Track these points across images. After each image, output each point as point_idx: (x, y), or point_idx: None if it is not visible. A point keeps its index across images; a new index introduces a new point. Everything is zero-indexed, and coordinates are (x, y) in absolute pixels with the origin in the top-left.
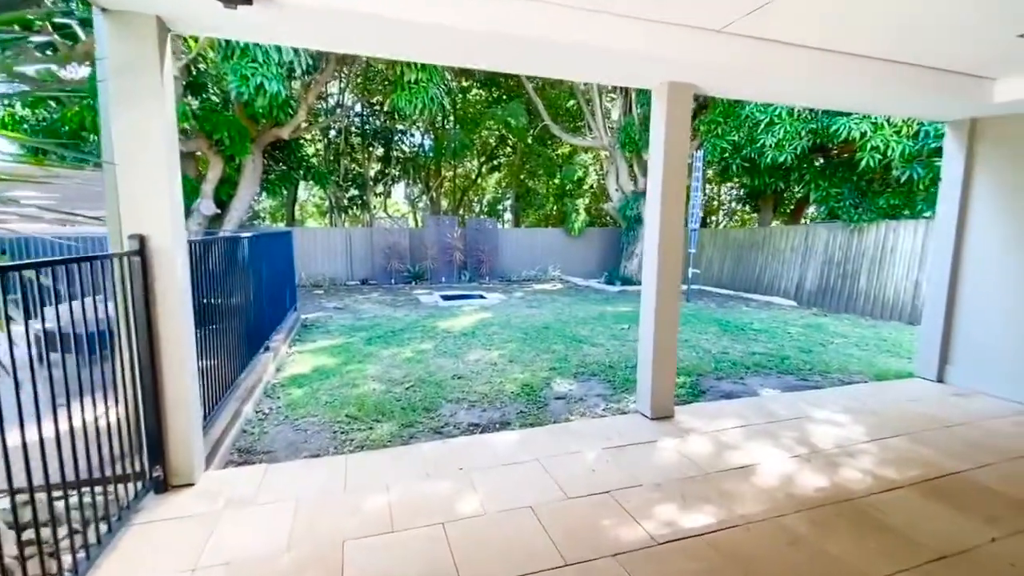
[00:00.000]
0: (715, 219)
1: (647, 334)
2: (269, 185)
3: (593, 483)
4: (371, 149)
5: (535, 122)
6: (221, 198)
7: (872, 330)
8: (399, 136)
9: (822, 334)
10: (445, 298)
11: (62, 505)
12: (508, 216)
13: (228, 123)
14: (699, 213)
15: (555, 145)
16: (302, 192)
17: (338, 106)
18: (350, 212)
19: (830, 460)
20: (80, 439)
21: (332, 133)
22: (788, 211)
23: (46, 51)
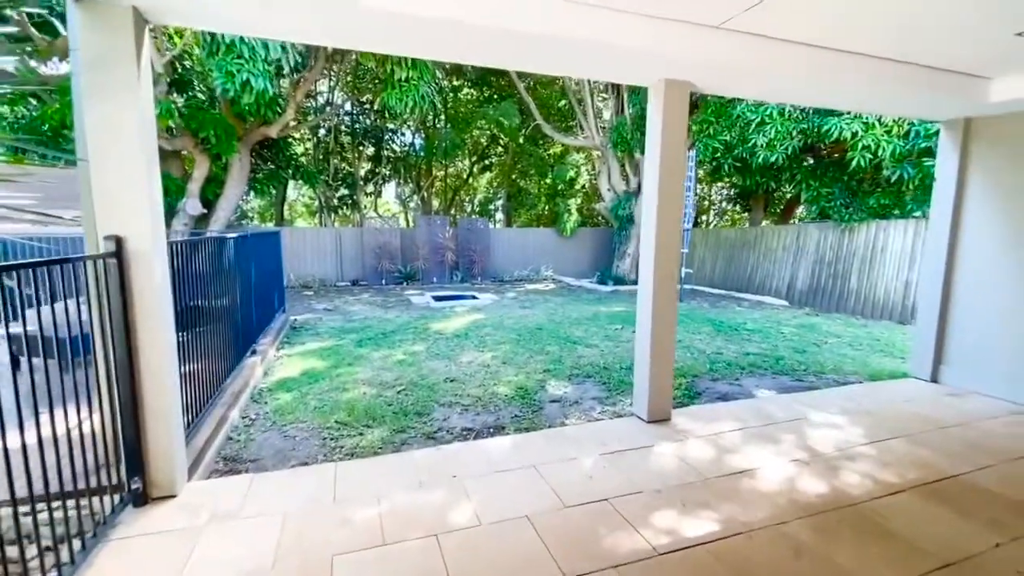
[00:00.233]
0: (705, 219)
1: (644, 335)
2: (257, 184)
3: (591, 490)
4: (361, 148)
5: (527, 122)
6: (208, 197)
7: (864, 330)
8: (390, 135)
9: (815, 334)
10: (437, 299)
11: (32, 521)
12: (500, 216)
13: (214, 121)
14: (692, 213)
15: (547, 145)
16: (291, 192)
17: (327, 104)
18: (340, 212)
19: (829, 464)
20: (53, 450)
21: (321, 132)
22: (778, 211)
23: (25, 46)
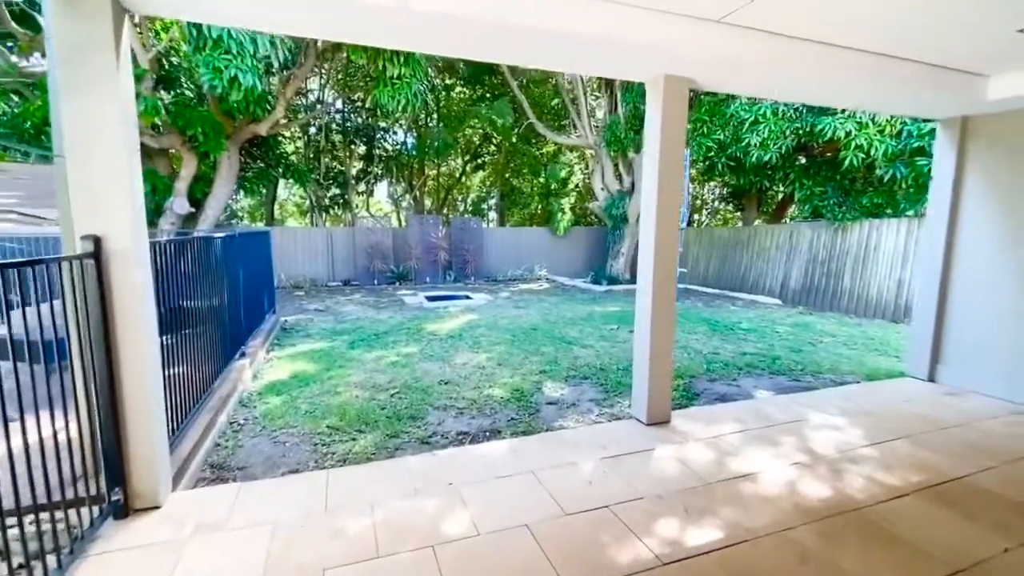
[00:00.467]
0: (698, 218)
1: (643, 336)
2: (247, 183)
3: (591, 497)
4: (353, 147)
5: (520, 120)
6: (196, 196)
7: (858, 328)
8: (381, 134)
9: (810, 333)
10: (430, 299)
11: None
12: (493, 215)
13: (202, 118)
14: (686, 212)
15: (540, 144)
16: (282, 191)
17: (318, 102)
18: (331, 211)
19: (831, 467)
20: (26, 460)
21: (312, 130)
22: (771, 210)
23: (6, 42)
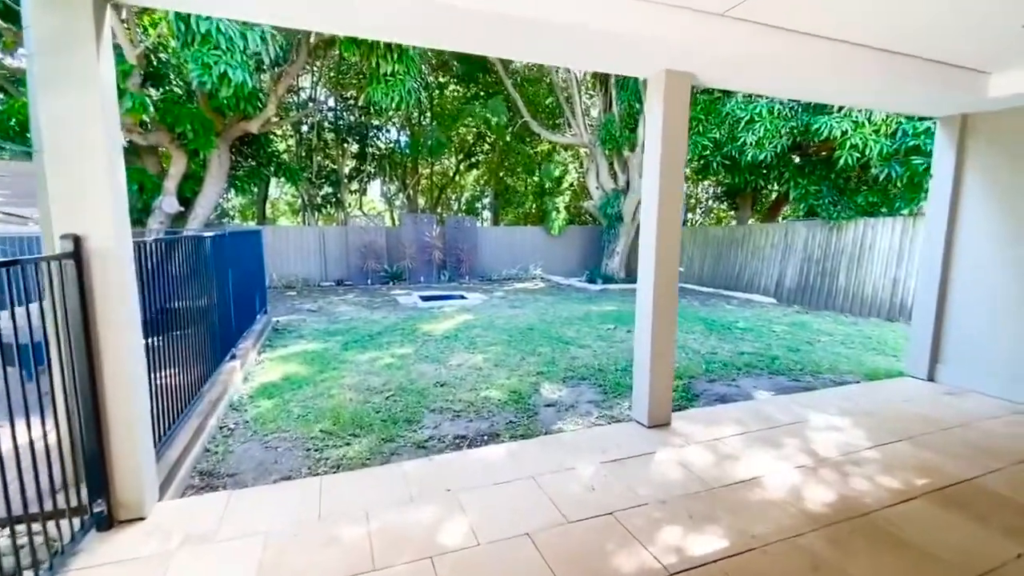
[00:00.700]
0: (692, 217)
1: (644, 337)
2: (237, 182)
3: (593, 503)
4: (345, 145)
5: (514, 119)
6: (185, 195)
7: (855, 327)
8: (374, 132)
9: (807, 332)
10: (424, 299)
11: None
12: (487, 214)
13: (191, 115)
14: (682, 211)
15: (534, 142)
16: (273, 189)
17: (310, 100)
18: (324, 210)
19: (836, 469)
20: (1, 470)
21: (304, 128)
22: (764, 209)
23: None
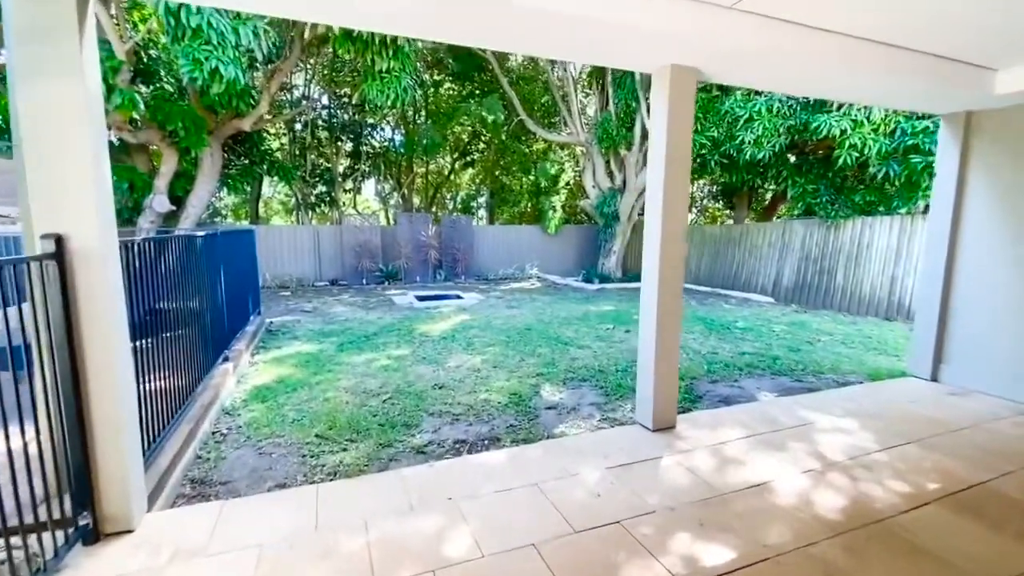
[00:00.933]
0: (688, 216)
1: (648, 339)
2: (230, 180)
3: (600, 511)
4: (339, 144)
5: (510, 117)
6: (177, 194)
7: (854, 327)
8: (369, 130)
9: (807, 332)
10: (420, 299)
11: None
12: (483, 213)
13: (182, 113)
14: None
15: (530, 141)
16: (266, 188)
17: (304, 98)
18: (318, 209)
19: (846, 473)
20: None
21: (298, 126)
22: (761, 208)
23: None
